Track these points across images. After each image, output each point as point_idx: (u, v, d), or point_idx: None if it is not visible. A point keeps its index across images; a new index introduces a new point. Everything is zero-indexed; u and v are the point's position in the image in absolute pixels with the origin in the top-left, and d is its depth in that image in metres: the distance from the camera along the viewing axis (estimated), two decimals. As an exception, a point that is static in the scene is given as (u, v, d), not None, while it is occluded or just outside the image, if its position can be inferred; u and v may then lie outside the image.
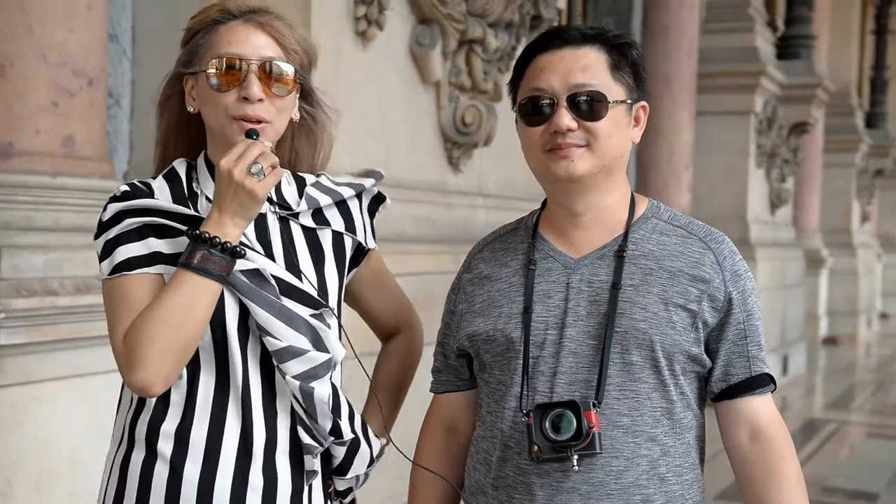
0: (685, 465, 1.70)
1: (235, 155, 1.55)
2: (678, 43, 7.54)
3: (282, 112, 1.67)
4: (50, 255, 2.77)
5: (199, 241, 1.55)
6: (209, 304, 1.57)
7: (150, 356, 1.53)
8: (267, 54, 1.64)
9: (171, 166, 1.71)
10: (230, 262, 1.57)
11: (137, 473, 1.63)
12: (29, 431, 2.70)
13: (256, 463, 1.64)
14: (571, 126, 1.64)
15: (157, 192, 1.66)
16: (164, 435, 1.62)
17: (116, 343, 1.58)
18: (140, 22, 3.85)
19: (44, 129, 2.84)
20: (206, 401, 1.63)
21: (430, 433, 1.88)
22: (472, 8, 4.36)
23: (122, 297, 1.60)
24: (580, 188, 1.68)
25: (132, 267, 1.60)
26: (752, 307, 1.71)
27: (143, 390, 1.57)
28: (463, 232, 4.53)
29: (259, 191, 1.56)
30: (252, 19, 1.66)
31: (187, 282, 1.55)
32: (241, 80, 1.62)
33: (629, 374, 1.65)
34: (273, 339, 1.62)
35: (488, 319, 1.74)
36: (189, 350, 1.57)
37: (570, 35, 1.68)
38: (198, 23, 1.69)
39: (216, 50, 1.64)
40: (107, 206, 1.65)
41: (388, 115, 4.14)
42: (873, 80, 15.51)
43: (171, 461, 1.61)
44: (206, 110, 1.67)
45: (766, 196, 9.50)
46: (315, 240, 1.74)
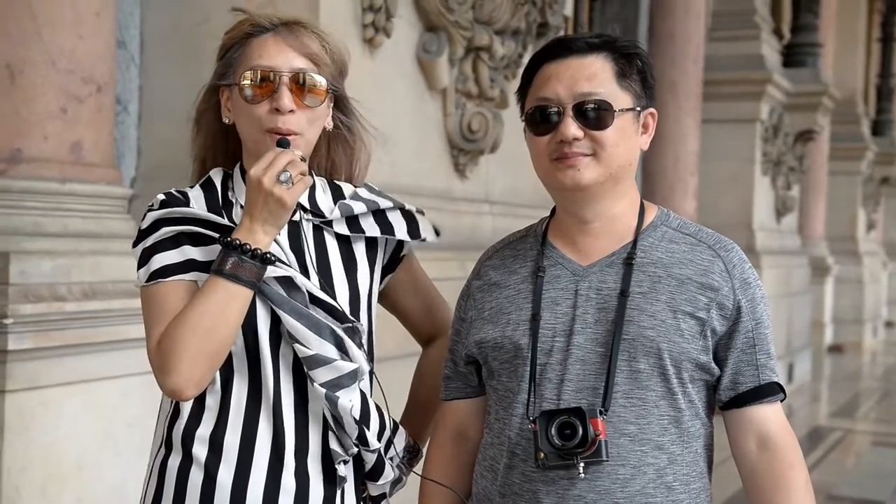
0: (692, 473, 1.69)
1: (265, 163, 1.59)
2: (684, 50, 7.55)
3: (313, 122, 1.70)
4: (58, 260, 2.78)
5: (231, 248, 1.59)
6: (240, 310, 1.61)
7: (182, 361, 1.58)
8: (298, 66, 1.67)
9: (208, 175, 1.76)
10: (261, 269, 1.61)
11: (174, 477, 1.67)
12: (36, 437, 2.70)
13: (288, 469, 1.67)
14: (577, 135, 1.64)
15: (192, 200, 1.70)
16: (199, 440, 1.66)
17: (151, 348, 1.63)
18: (148, 28, 3.86)
19: (52, 135, 2.85)
20: (240, 406, 1.66)
21: (440, 440, 1.88)
22: (479, 15, 4.37)
23: (157, 303, 1.65)
24: (587, 197, 1.68)
25: (167, 274, 1.65)
26: (761, 315, 1.71)
27: (175, 394, 1.61)
28: (469, 239, 4.53)
29: (288, 198, 1.59)
30: (283, 32, 1.70)
31: (219, 288, 1.59)
32: (273, 91, 1.66)
33: (636, 381, 1.65)
34: (302, 346, 1.65)
35: (497, 326, 1.74)
36: (221, 355, 1.61)
37: (576, 44, 1.69)
38: (231, 37, 1.73)
39: (249, 62, 1.68)
40: (145, 215, 1.70)
41: (395, 122, 4.15)
42: (879, 87, 15.50)
43: (206, 465, 1.65)
44: (239, 122, 1.71)
45: (771, 204, 9.49)
46: (349, 249, 1.77)
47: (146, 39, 3.85)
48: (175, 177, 3.78)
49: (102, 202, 3.00)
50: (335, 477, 1.71)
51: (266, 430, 1.66)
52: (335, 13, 3.73)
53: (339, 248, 1.76)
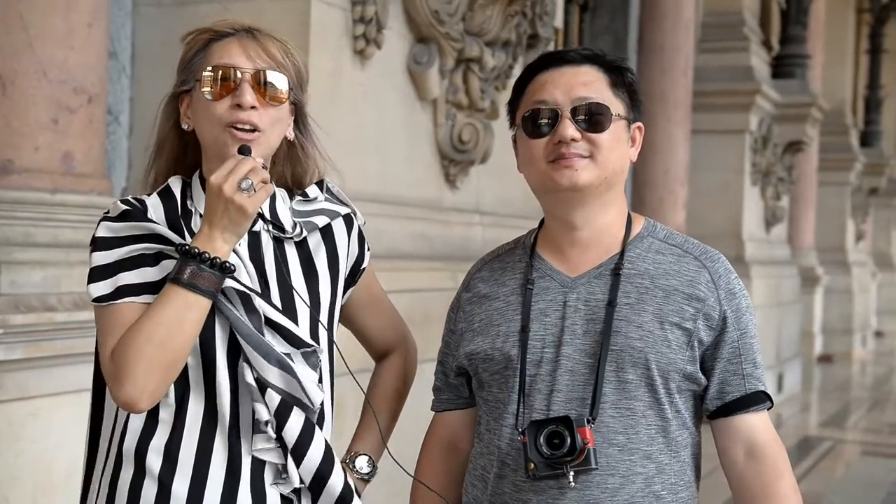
0: (680, 483, 1.70)
1: (226, 170, 1.55)
2: (674, 62, 7.58)
3: (276, 123, 1.66)
4: (48, 271, 2.78)
5: (189, 255, 1.55)
6: (198, 320, 1.56)
7: (137, 371, 1.52)
8: (259, 65, 1.64)
9: (167, 184, 1.70)
10: (220, 278, 1.56)
11: (126, 491, 1.61)
12: (26, 447, 2.70)
13: (244, 484, 1.62)
14: (575, 136, 1.66)
15: (150, 209, 1.65)
16: (153, 450, 1.61)
17: (105, 358, 1.58)
18: (139, 40, 3.87)
19: (43, 145, 2.85)
20: (195, 422, 1.61)
21: (431, 452, 1.88)
22: (470, 27, 4.38)
23: (113, 318, 1.59)
24: (581, 199, 1.70)
25: (126, 294, 1.60)
26: (747, 325, 1.72)
27: (129, 405, 1.56)
28: (459, 249, 4.54)
29: (249, 206, 1.55)
30: (245, 36, 1.67)
31: (176, 297, 1.54)
32: (234, 89, 1.62)
33: (624, 392, 1.66)
34: (252, 369, 1.61)
35: (486, 338, 1.75)
36: (176, 366, 1.56)
37: (569, 55, 1.73)
38: (192, 44, 1.70)
39: (209, 64, 1.65)
40: (100, 223, 1.64)
41: (386, 133, 4.16)
42: (868, 99, 15.58)
43: (160, 477, 1.60)
44: (200, 124, 1.66)
45: (761, 214, 9.52)
46: (309, 260, 1.73)
47: (137, 51, 3.86)
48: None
49: (93, 213, 2.99)
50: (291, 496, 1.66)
51: (221, 447, 1.62)
52: (326, 24, 3.75)
53: (299, 259, 1.72)
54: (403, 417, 2.00)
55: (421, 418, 1.93)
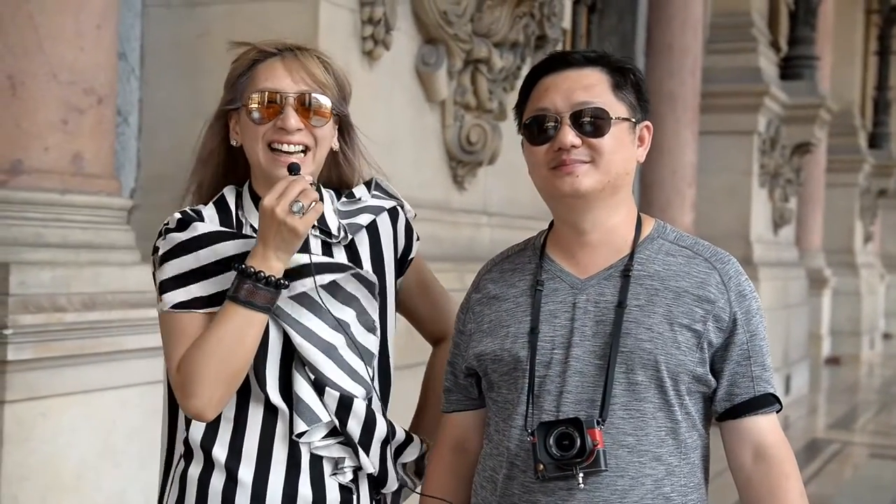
0: (690, 485, 1.70)
1: (277, 193, 1.64)
2: (682, 63, 7.57)
3: (322, 141, 1.76)
4: (57, 271, 2.79)
5: (245, 275, 1.65)
6: (256, 335, 1.67)
7: (202, 385, 1.65)
8: (303, 88, 1.73)
9: (222, 194, 1.81)
10: (274, 294, 1.67)
11: (195, 484, 1.73)
12: (35, 447, 2.71)
13: (304, 475, 1.74)
14: (575, 143, 1.66)
15: (207, 219, 1.76)
16: (220, 444, 1.73)
17: (171, 371, 1.70)
18: (148, 41, 3.87)
19: (53, 146, 2.86)
20: (256, 419, 1.73)
21: (440, 452, 1.89)
22: (478, 28, 4.38)
23: (178, 329, 1.71)
24: (585, 205, 1.70)
25: (189, 306, 1.71)
26: (756, 327, 1.72)
27: (197, 416, 1.69)
28: (467, 250, 4.55)
29: (300, 227, 1.64)
30: (289, 56, 1.75)
31: (235, 314, 1.65)
32: (279, 112, 1.71)
33: (634, 393, 1.66)
34: (308, 368, 1.73)
35: (496, 339, 1.75)
36: (238, 378, 1.68)
37: (572, 57, 1.72)
38: (238, 65, 1.78)
39: (256, 86, 1.73)
40: (166, 235, 1.74)
41: (394, 134, 4.16)
42: (876, 100, 15.53)
43: (227, 466, 1.72)
44: (247, 144, 1.76)
45: (769, 216, 9.51)
46: (356, 259, 1.82)
47: (147, 52, 3.87)
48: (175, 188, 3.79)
49: (102, 213, 3.01)
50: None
51: (281, 441, 1.73)
52: (335, 26, 3.75)
53: (348, 260, 1.81)
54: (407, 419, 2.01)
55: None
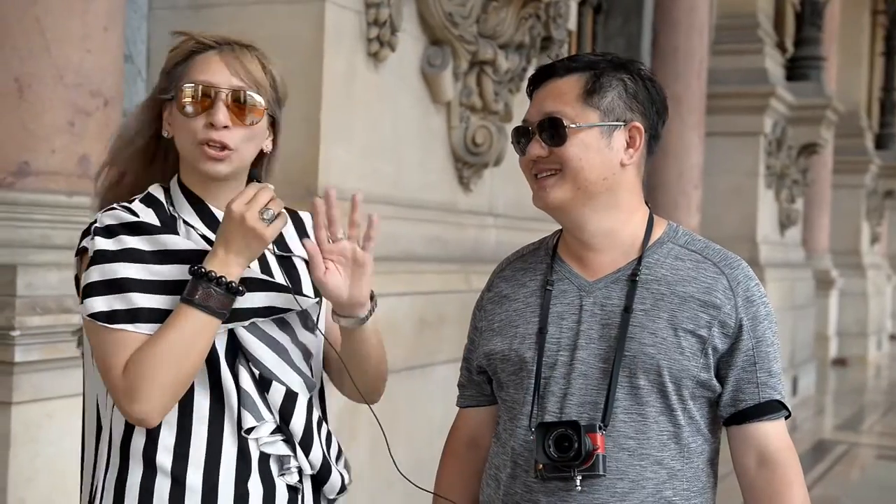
0: (693, 489, 1.70)
1: (247, 198, 1.60)
2: (688, 64, 7.57)
3: (250, 140, 1.70)
4: (65, 273, 2.79)
5: (202, 277, 1.60)
6: (209, 340, 1.62)
7: (152, 390, 1.58)
8: (237, 84, 1.68)
9: (148, 192, 1.74)
10: (231, 299, 1.62)
11: (136, 491, 1.64)
12: (42, 448, 2.71)
13: (254, 475, 1.68)
14: (540, 153, 1.68)
15: (140, 214, 1.69)
16: (164, 449, 1.65)
17: (115, 374, 1.60)
18: (155, 43, 3.88)
19: (60, 148, 2.87)
20: (202, 420, 1.66)
21: (454, 447, 1.91)
22: (484, 30, 4.39)
23: (118, 341, 1.62)
24: (564, 215, 1.72)
25: (130, 320, 1.61)
26: (763, 333, 1.70)
27: (141, 422, 1.61)
28: (473, 252, 4.55)
29: (268, 234, 1.61)
30: (227, 51, 1.71)
31: (189, 317, 1.59)
32: (210, 106, 1.67)
33: (636, 397, 1.66)
34: (252, 364, 1.68)
35: (505, 339, 1.76)
36: (187, 383, 1.62)
37: (556, 69, 1.73)
38: (175, 54, 1.74)
39: (190, 78, 1.69)
40: (95, 236, 1.66)
41: (400, 135, 4.17)
42: (883, 101, 15.51)
43: (173, 472, 1.64)
44: (178, 136, 1.71)
45: (775, 217, 9.50)
46: (290, 264, 1.78)
47: (153, 54, 3.88)
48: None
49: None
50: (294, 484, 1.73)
51: (231, 441, 1.67)
52: (340, 27, 3.76)
53: (279, 265, 1.77)
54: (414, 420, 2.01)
55: (432, 421, 1.94)
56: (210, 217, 1.72)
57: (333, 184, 3.72)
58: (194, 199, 1.72)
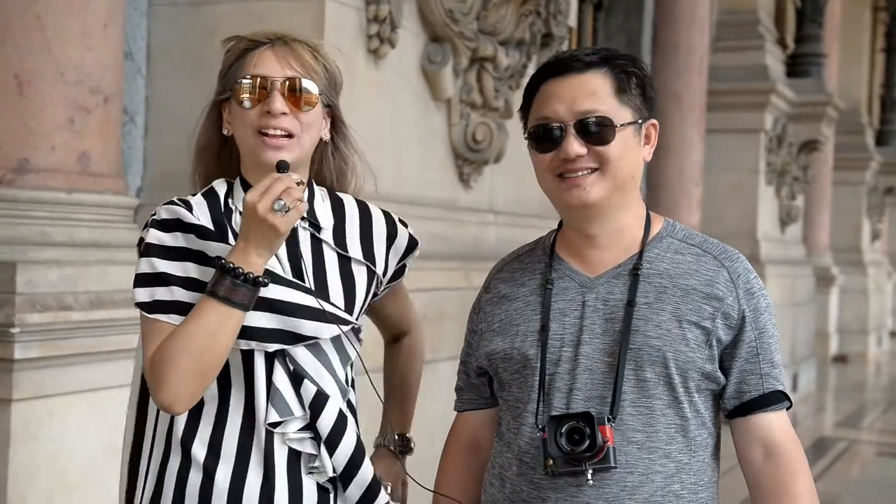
0: (700, 482, 1.70)
1: (261, 189, 1.63)
2: (688, 61, 7.55)
3: (309, 127, 1.75)
4: (65, 270, 2.79)
5: (225, 271, 1.63)
6: (232, 332, 1.64)
7: (172, 379, 1.63)
8: (290, 73, 1.73)
9: (211, 185, 1.80)
10: (253, 292, 1.64)
11: (174, 478, 1.71)
12: (42, 446, 2.71)
13: (280, 474, 1.72)
14: (581, 152, 1.66)
15: (195, 207, 1.74)
16: (199, 441, 1.71)
17: (146, 364, 1.68)
18: (155, 40, 3.88)
19: (59, 145, 2.87)
20: (237, 415, 1.71)
21: (453, 451, 1.90)
22: (484, 26, 4.38)
23: (157, 329, 1.69)
24: (594, 213, 1.71)
25: (169, 310, 1.69)
26: (765, 325, 1.72)
27: (167, 408, 1.67)
28: (474, 249, 4.54)
29: (281, 226, 1.62)
30: (278, 45, 1.76)
31: (212, 310, 1.63)
32: (266, 97, 1.72)
33: (643, 390, 1.66)
34: (288, 359, 1.71)
35: (506, 338, 1.76)
36: (212, 374, 1.66)
37: (573, 63, 1.70)
38: (230, 55, 1.79)
39: (244, 73, 1.74)
40: (149, 228, 1.72)
41: (400, 132, 4.16)
42: (884, 98, 15.49)
43: (204, 466, 1.70)
44: (237, 131, 1.76)
45: (776, 214, 9.49)
46: (348, 268, 1.81)
47: (153, 51, 3.87)
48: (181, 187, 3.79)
49: (109, 212, 3.01)
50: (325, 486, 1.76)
51: (259, 439, 1.71)
52: (340, 24, 3.75)
53: (337, 262, 1.80)
54: (417, 418, 2.01)
55: (434, 418, 1.94)
56: None
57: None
58: None
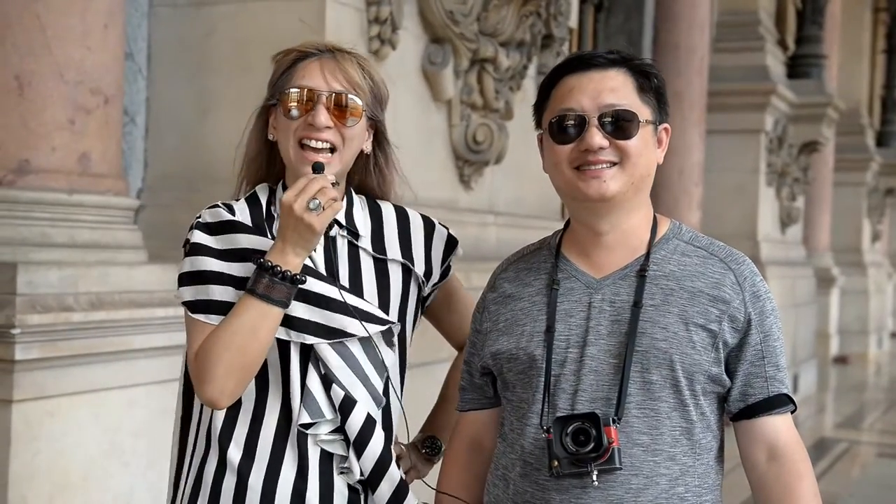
0: (704, 485, 1.70)
1: (297, 189, 1.68)
2: (689, 62, 7.56)
3: (350, 141, 1.80)
4: (65, 271, 2.79)
5: (263, 269, 1.69)
6: (271, 328, 1.71)
7: (216, 374, 1.69)
8: (336, 87, 1.78)
9: (254, 191, 1.87)
10: (291, 289, 1.70)
11: (211, 478, 1.77)
12: (43, 446, 2.71)
13: (313, 474, 1.77)
14: (603, 144, 1.67)
15: (238, 212, 1.81)
16: (235, 442, 1.77)
17: (190, 359, 1.75)
18: (155, 41, 3.88)
19: (60, 146, 2.87)
20: (273, 415, 1.77)
21: (456, 451, 1.90)
22: (484, 27, 4.38)
23: (199, 325, 1.76)
24: (609, 208, 1.70)
25: (211, 311, 1.75)
26: (770, 328, 1.72)
27: (211, 403, 1.73)
28: (474, 249, 4.54)
29: (317, 224, 1.67)
30: (327, 57, 1.80)
31: (251, 307, 1.69)
32: (310, 109, 1.76)
33: (649, 392, 1.66)
34: (321, 363, 1.76)
35: (511, 338, 1.76)
36: (252, 369, 1.72)
37: (595, 59, 1.72)
38: (281, 64, 1.84)
39: (293, 83, 1.79)
40: (195, 229, 1.78)
41: (400, 133, 4.15)
42: (884, 98, 15.49)
43: (239, 470, 1.76)
44: (280, 140, 1.81)
45: (776, 215, 9.49)
46: (384, 269, 1.86)
47: (154, 51, 3.87)
48: (181, 188, 3.80)
49: (110, 213, 3.01)
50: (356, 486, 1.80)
51: (293, 440, 1.76)
52: (341, 25, 3.75)
53: (373, 267, 1.85)
54: (419, 418, 2.01)
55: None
56: None
57: (334, 182, 3.72)
58: None
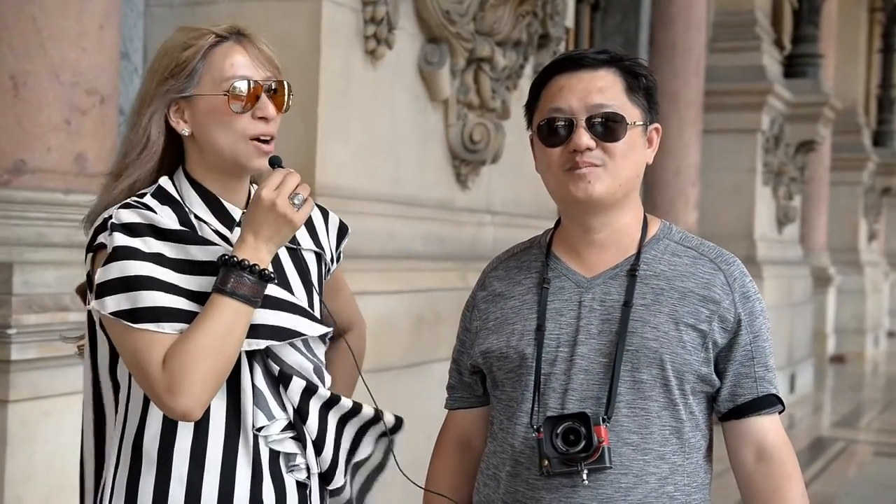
0: (693, 484, 1.70)
1: (275, 184, 1.60)
2: (685, 62, 7.56)
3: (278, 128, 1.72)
4: (61, 271, 2.79)
5: (233, 265, 1.58)
6: (245, 327, 1.60)
7: (195, 383, 1.55)
8: (267, 74, 1.68)
9: (159, 185, 1.69)
10: (262, 286, 1.61)
11: (150, 493, 1.63)
12: (39, 447, 2.71)
13: (266, 476, 1.68)
14: (590, 145, 1.66)
15: (159, 212, 1.65)
16: (179, 452, 1.63)
17: (153, 370, 1.56)
18: (151, 40, 3.88)
19: (56, 146, 2.87)
20: (220, 422, 1.65)
21: (444, 450, 1.89)
22: (481, 27, 4.38)
23: (144, 338, 1.58)
24: (597, 209, 1.71)
25: (161, 319, 1.58)
26: (760, 328, 1.72)
27: (185, 416, 1.58)
28: (471, 249, 4.54)
29: (297, 220, 1.61)
30: (245, 42, 1.68)
31: (225, 308, 1.57)
32: (254, 101, 1.65)
33: (639, 392, 1.66)
34: (274, 360, 1.68)
35: (501, 337, 1.75)
36: (226, 373, 1.60)
37: (586, 59, 1.71)
38: (193, 51, 1.66)
39: (222, 73, 1.65)
40: (115, 233, 1.61)
41: (397, 133, 4.16)
42: (880, 98, 15.50)
43: (189, 479, 1.63)
44: (214, 132, 1.66)
45: (773, 214, 9.50)
46: (299, 260, 1.78)
47: (149, 51, 3.87)
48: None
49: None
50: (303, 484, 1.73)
51: (244, 443, 1.66)
52: (337, 25, 3.75)
53: (290, 258, 1.76)
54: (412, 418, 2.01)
55: (430, 419, 1.93)
56: (223, 213, 1.70)
57: (330, 182, 3.73)
58: (206, 194, 1.70)
